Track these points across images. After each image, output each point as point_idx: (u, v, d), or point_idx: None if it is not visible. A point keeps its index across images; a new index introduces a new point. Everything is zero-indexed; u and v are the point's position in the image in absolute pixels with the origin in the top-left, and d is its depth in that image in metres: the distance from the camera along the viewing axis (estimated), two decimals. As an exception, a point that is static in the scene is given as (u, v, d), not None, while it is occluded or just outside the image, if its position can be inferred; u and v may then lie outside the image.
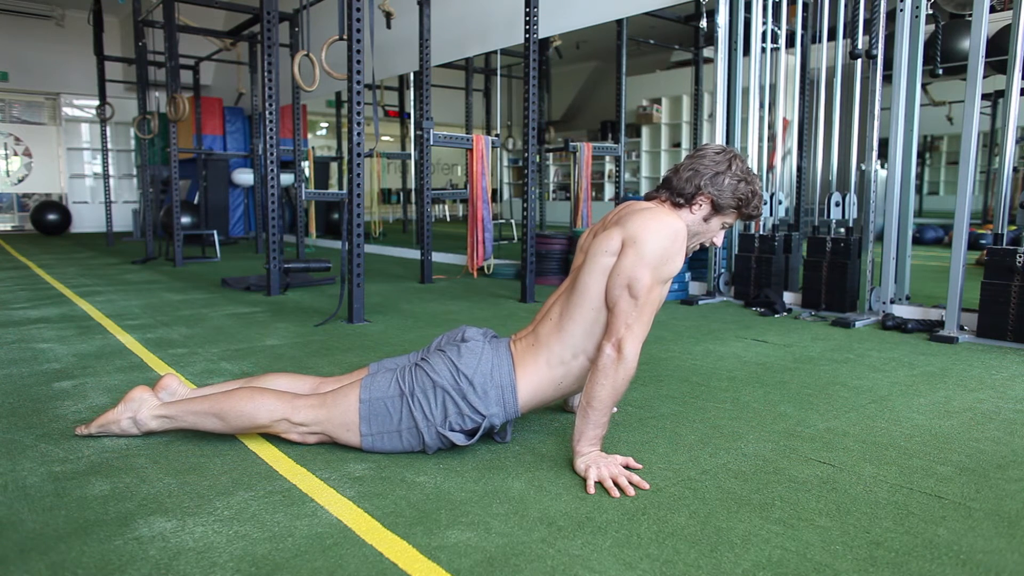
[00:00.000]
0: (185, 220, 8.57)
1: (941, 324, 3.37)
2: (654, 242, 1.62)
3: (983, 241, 6.12)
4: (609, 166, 12.40)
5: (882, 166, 5.18)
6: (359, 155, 3.63)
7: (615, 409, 2.13)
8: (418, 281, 5.34)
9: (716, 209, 1.73)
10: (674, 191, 1.75)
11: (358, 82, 3.55)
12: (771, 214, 4.32)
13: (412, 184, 10.60)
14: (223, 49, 8.26)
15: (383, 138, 14.73)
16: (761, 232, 4.31)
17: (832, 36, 4.46)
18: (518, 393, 1.72)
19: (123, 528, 1.37)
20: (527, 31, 4.21)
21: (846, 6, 4.17)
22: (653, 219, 1.65)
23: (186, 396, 1.92)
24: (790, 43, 5.25)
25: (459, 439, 1.69)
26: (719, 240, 1.80)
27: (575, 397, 2.06)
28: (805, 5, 5.50)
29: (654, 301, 1.64)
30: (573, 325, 1.70)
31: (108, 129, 9.26)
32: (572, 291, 1.73)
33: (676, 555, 1.27)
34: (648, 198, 1.82)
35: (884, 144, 3.72)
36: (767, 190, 4.45)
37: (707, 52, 7.07)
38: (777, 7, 4.40)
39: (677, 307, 4.19)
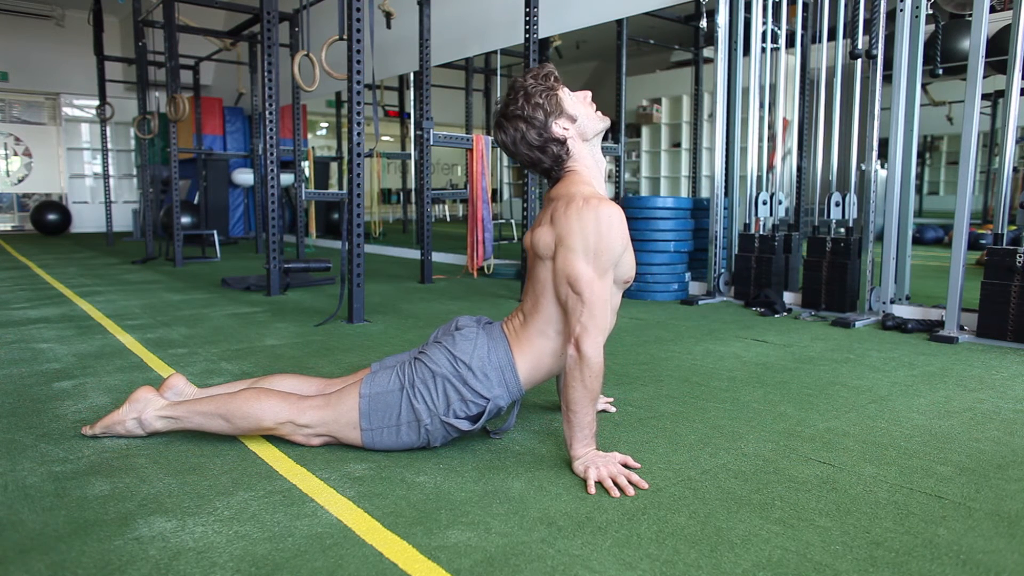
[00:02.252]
0: (185, 220, 8.58)
1: (941, 324, 3.37)
2: (580, 236, 1.61)
3: (983, 241, 6.12)
4: (609, 166, 12.40)
5: (882, 166, 5.18)
6: (359, 155, 3.63)
7: (612, 409, 2.13)
8: (418, 281, 5.34)
9: (560, 113, 1.71)
10: (557, 161, 1.74)
11: (358, 82, 3.55)
12: (771, 214, 4.32)
13: (412, 184, 10.60)
14: (223, 49, 8.26)
15: (383, 138, 14.72)
16: (761, 232, 4.31)
17: (832, 36, 4.46)
18: (518, 371, 1.73)
19: (123, 528, 1.37)
20: (527, 31, 4.21)
21: (846, 6, 4.17)
22: (575, 213, 1.63)
23: (192, 396, 1.92)
24: (790, 43, 5.25)
25: (464, 425, 1.69)
26: (592, 110, 1.76)
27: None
28: (805, 5, 5.50)
29: (600, 293, 1.62)
30: (547, 305, 1.71)
31: (108, 129, 9.27)
32: (533, 283, 1.74)
33: (676, 555, 1.27)
34: (556, 182, 1.79)
35: (884, 144, 3.72)
36: (767, 190, 4.45)
37: (707, 52, 7.07)
38: (777, 7, 4.40)
39: (677, 307, 4.19)
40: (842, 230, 3.98)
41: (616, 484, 1.54)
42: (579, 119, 1.74)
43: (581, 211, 1.62)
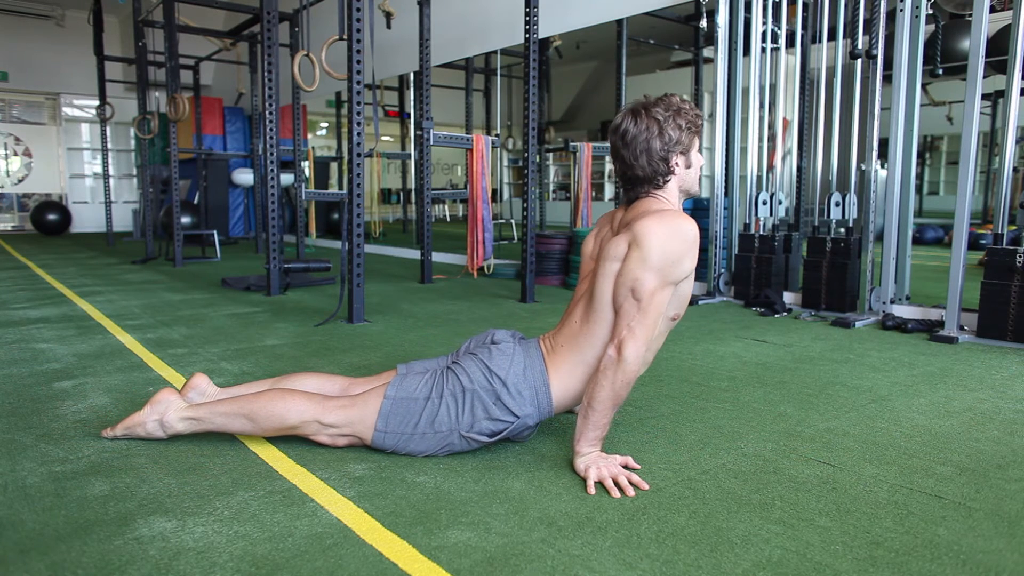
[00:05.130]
0: (185, 220, 8.57)
1: (941, 324, 3.37)
2: (658, 244, 1.60)
3: (983, 241, 6.12)
4: (609, 166, 12.39)
5: (882, 166, 5.18)
6: (359, 155, 3.63)
7: (616, 409, 2.13)
8: (418, 281, 5.34)
9: (686, 151, 1.73)
10: (652, 179, 1.72)
11: (358, 82, 3.55)
12: (771, 214, 4.32)
13: (412, 184, 10.60)
14: (223, 49, 8.27)
15: (383, 138, 14.72)
16: (761, 232, 4.31)
17: (832, 36, 4.46)
18: (552, 392, 1.72)
19: (123, 528, 1.37)
20: (527, 31, 4.21)
21: (846, 6, 4.17)
22: (657, 221, 1.63)
23: (214, 396, 1.91)
24: (790, 43, 5.25)
25: (484, 439, 1.69)
26: (698, 173, 1.79)
27: None
28: (805, 5, 5.50)
29: (659, 304, 1.61)
30: (598, 327, 1.69)
31: (108, 129, 9.26)
32: (591, 297, 1.71)
33: (676, 555, 1.27)
34: (633, 201, 1.77)
35: (884, 144, 3.72)
36: (767, 190, 4.45)
37: (707, 52, 7.07)
38: (777, 7, 4.40)
39: (677, 307, 4.19)
40: (842, 230, 3.97)
41: (616, 484, 1.54)
42: (691, 169, 1.75)
43: (664, 220, 1.62)
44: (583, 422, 1.64)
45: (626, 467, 1.64)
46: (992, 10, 5.57)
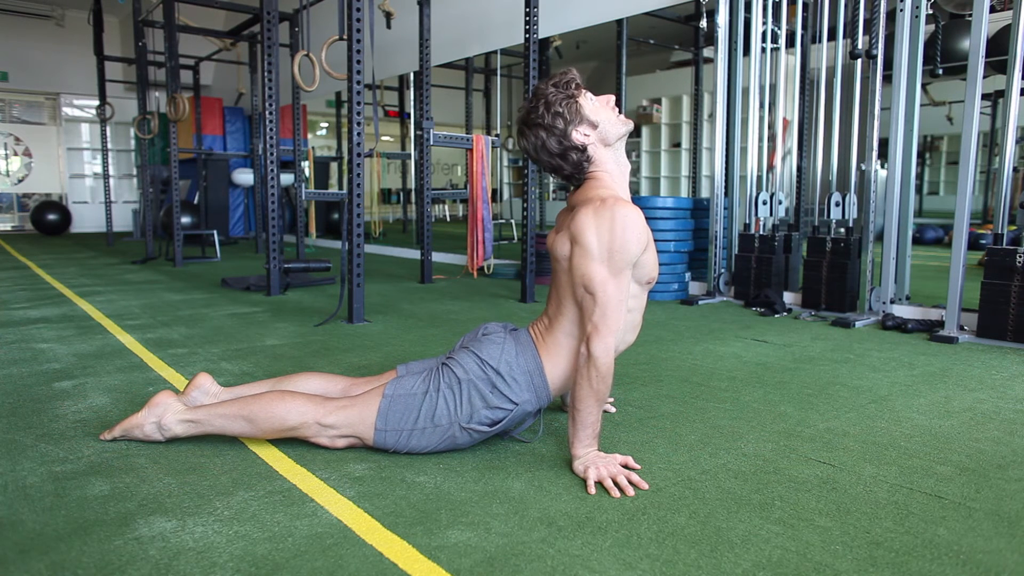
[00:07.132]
0: (185, 220, 8.57)
1: (941, 324, 3.37)
2: (594, 237, 1.61)
3: (983, 241, 6.12)
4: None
5: (882, 166, 5.18)
6: (359, 155, 3.63)
7: (613, 409, 2.13)
8: (418, 281, 5.34)
9: (580, 120, 1.70)
10: (579, 167, 1.74)
11: (358, 82, 3.55)
12: (771, 214, 4.32)
13: (412, 184, 10.60)
14: (223, 49, 8.26)
15: (383, 138, 14.72)
16: (761, 232, 4.31)
17: (832, 36, 4.46)
18: (547, 375, 1.73)
19: (123, 528, 1.37)
20: (527, 31, 4.21)
21: (846, 6, 4.17)
22: (591, 214, 1.63)
23: (218, 394, 1.90)
24: (790, 43, 5.25)
25: (485, 428, 1.70)
26: (614, 114, 1.74)
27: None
28: (805, 5, 5.50)
29: (615, 293, 1.61)
30: (571, 306, 1.71)
31: (108, 129, 9.26)
32: (556, 284, 1.76)
33: (676, 555, 1.27)
34: (577, 188, 1.79)
35: (884, 144, 3.72)
36: (767, 190, 4.45)
37: (707, 52, 7.07)
38: (777, 7, 4.40)
39: (677, 307, 4.19)
40: (842, 230, 3.97)
41: (616, 484, 1.54)
42: (600, 125, 1.72)
43: (597, 211, 1.63)
44: (572, 424, 1.64)
45: (626, 467, 1.64)
46: (992, 10, 5.57)
